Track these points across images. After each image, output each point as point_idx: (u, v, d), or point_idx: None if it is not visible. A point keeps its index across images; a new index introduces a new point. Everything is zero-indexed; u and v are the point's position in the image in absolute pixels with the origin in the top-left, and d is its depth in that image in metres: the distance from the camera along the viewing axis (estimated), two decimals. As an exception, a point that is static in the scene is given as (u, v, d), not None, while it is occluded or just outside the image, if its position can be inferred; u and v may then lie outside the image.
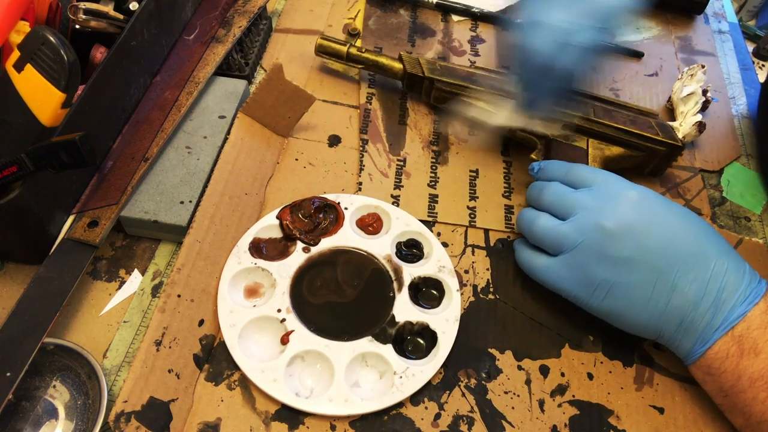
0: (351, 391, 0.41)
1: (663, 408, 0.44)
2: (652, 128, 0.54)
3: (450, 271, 0.48)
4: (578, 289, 0.43)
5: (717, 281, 0.40)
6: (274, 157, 0.55)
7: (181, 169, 0.51)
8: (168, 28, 0.57)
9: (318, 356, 0.43)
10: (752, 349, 0.38)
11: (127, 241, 0.49)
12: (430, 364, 0.43)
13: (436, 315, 0.45)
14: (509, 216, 0.53)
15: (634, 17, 0.67)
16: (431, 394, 0.43)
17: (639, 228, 0.41)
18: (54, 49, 0.42)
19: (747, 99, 0.67)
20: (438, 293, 0.47)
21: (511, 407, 0.43)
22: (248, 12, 0.62)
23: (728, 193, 0.58)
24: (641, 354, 0.46)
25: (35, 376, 0.41)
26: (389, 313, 0.45)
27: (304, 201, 0.51)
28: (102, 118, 0.49)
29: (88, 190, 0.48)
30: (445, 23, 0.71)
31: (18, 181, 0.40)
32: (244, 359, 0.42)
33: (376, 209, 0.51)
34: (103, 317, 0.45)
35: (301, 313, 0.45)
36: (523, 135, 0.55)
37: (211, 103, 0.56)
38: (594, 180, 0.45)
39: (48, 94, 0.42)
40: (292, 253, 0.48)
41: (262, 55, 0.63)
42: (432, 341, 0.44)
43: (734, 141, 0.62)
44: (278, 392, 0.41)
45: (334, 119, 0.59)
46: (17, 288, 0.45)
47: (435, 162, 0.56)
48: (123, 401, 0.39)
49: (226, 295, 0.45)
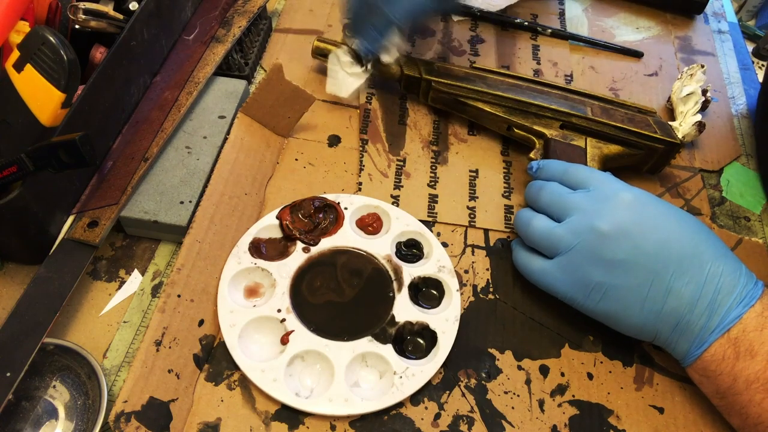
0: (351, 391, 0.41)
1: (663, 408, 0.44)
2: (650, 126, 0.54)
3: (450, 271, 0.48)
4: (574, 292, 0.43)
5: (713, 283, 0.40)
6: (273, 157, 0.55)
7: (180, 169, 0.51)
8: (168, 28, 0.57)
9: (318, 356, 0.43)
10: (748, 351, 0.38)
11: (127, 241, 0.49)
12: (430, 364, 0.43)
13: (436, 315, 0.45)
14: (509, 216, 0.53)
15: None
16: (431, 394, 0.43)
17: (634, 230, 0.41)
18: (54, 49, 0.42)
19: (747, 99, 0.67)
20: (438, 293, 0.47)
21: (511, 407, 0.43)
22: (248, 12, 0.62)
23: (728, 192, 0.58)
24: (641, 354, 0.46)
25: (35, 376, 0.41)
26: (389, 313, 0.45)
27: (304, 201, 0.51)
28: (102, 118, 0.49)
29: (88, 190, 0.48)
30: (445, 23, 0.70)
31: (18, 181, 0.41)
32: (244, 359, 0.42)
33: (376, 209, 0.51)
34: (103, 317, 0.45)
35: (301, 313, 0.45)
36: (522, 134, 0.55)
37: (211, 103, 0.56)
38: (590, 181, 0.45)
39: (48, 94, 0.42)
40: (292, 253, 0.48)
41: (262, 55, 0.63)
42: (432, 341, 0.44)
43: (734, 141, 0.62)
44: (278, 392, 0.41)
45: (334, 119, 0.59)
46: (17, 288, 0.45)
47: (435, 162, 0.56)
48: (123, 401, 0.39)
49: (226, 295, 0.45)
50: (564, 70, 0.67)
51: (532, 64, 0.67)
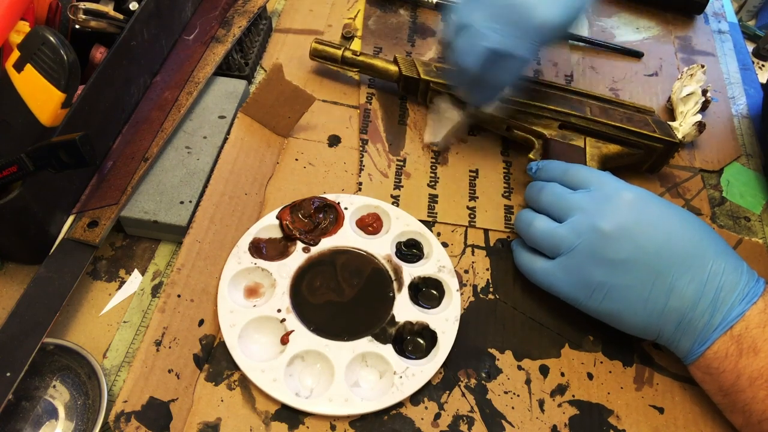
0: (351, 391, 0.41)
1: (663, 408, 0.44)
2: (648, 125, 0.54)
3: (450, 271, 0.48)
4: (576, 292, 0.43)
5: (715, 281, 0.40)
6: (274, 157, 0.55)
7: (180, 169, 0.51)
8: (168, 28, 0.57)
9: (318, 356, 0.43)
10: (751, 348, 0.38)
11: (127, 241, 0.49)
12: (430, 364, 0.43)
13: (436, 315, 0.45)
14: (509, 216, 0.53)
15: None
16: (431, 394, 0.43)
17: (635, 229, 0.41)
18: (54, 49, 0.42)
19: (747, 99, 0.67)
20: (438, 293, 0.47)
21: (511, 407, 0.43)
22: (248, 12, 0.62)
23: (728, 193, 0.58)
24: (641, 354, 0.46)
25: (35, 376, 0.41)
26: (389, 313, 0.45)
27: (304, 201, 0.51)
28: (102, 119, 0.49)
29: (88, 190, 0.48)
30: (445, 23, 0.70)
31: (18, 181, 0.41)
32: (244, 359, 0.42)
33: (376, 209, 0.51)
34: (103, 317, 0.45)
35: (301, 313, 0.45)
36: (521, 135, 0.55)
37: (211, 103, 0.56)
38: (591, 181, 0.45)
39: (48, 94, 0.42)
40: (292, 253, 0.48)
41: (262, 55, 0.63)
42: (432, 341, 0.44)
43: (734, 141, 0.62)
44: (278, 392, 0.41)
45: (334, 119, 0.59)
46: (17, 288, 0.45)
47: (435, 162, 0.56)
48: (123, 401, 0.39)
49: (226, 295, 0.45)
50: (564, 70, 0.67)
51: (531, 64, 0.67)
